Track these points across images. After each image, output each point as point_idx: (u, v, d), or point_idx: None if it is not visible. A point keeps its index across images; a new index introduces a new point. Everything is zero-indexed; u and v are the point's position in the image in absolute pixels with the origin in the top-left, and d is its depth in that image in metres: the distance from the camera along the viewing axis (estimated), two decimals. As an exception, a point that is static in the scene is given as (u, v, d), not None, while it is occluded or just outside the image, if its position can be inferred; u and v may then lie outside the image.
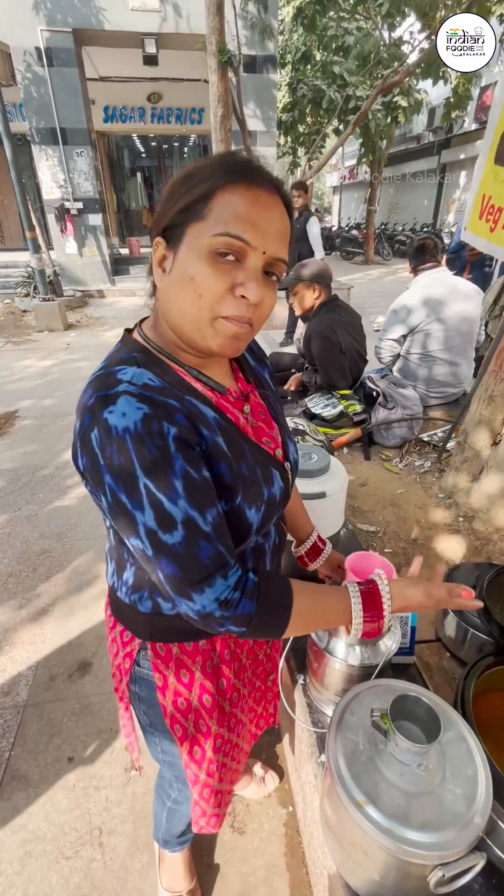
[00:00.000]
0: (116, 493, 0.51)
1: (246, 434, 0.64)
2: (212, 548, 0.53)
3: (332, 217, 26.91)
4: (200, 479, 0.52)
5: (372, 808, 0.62)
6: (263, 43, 7.40)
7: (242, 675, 0.79)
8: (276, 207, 0.54)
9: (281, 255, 0.55)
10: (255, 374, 0.74)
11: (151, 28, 7.38)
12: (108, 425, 0.49)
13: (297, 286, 2.20)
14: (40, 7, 7.02)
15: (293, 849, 1.18)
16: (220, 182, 0.51)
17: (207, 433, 0.56)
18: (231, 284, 0.53)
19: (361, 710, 0.74)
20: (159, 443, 0.49)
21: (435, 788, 0.64)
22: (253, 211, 0.52)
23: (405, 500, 1.84)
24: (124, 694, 0.77)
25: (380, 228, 15.32)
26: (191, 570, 0.52)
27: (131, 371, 0.53)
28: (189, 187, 0.53)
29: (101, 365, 0.57)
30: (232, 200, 0.51)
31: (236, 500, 0.58)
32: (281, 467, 0.68)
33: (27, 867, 1.15)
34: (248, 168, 0.54)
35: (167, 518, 0.50)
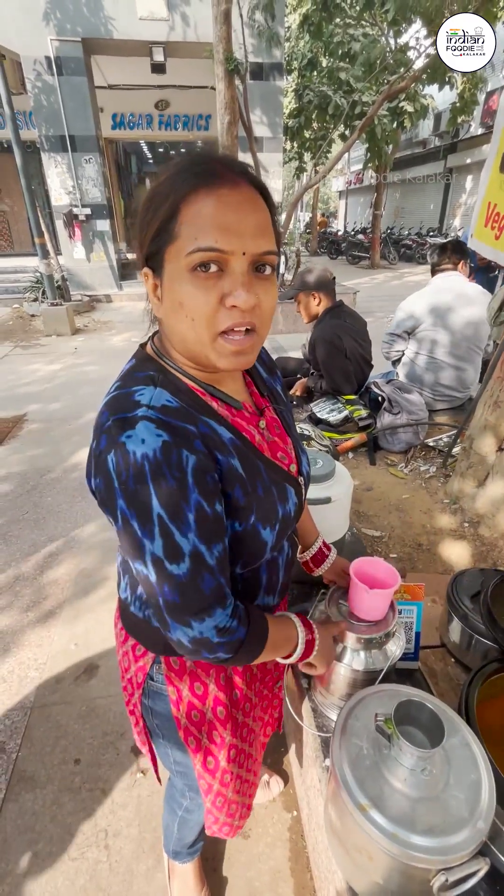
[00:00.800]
0: (128, 519, 0.50)
1: (261, 452, 0.63)
2: (214, 580, 0.54)
3: (338, 221, 26.97)
4: (212, 513, 0.52)
5: (376, 812, 0.63)
6: (270, 51, 7.46)
7: (253, 684, 0.80)
8: (244, 201, 0.50)
9: (264, 248, 0.51)
10: (267, 387, 0.74)
11: (159, 37, 7.47)
12: (125, 450, 0.48)
13: (299, 295, 2.21)
14: (50, 17, 7.14)
15: (298, 853, 1.18)
16: (180, 194, 0.49)
17: (222, 458, 0.56)
18: (220, 297, 0.50)
19: (366, 714, 0.74)
20: (178, 474, 0.49)
21: (439, 794, 0.64)
22: (219, 215, 0.48)
23: (410, 506, 1.84)
24: (136, 708, 0.78)
25: (385, 233, 15.36)
26: (192, 601, 0.53)
27: (149, 393, 0.52)
28: (154, 209, 0.50)
29: (116, 383, 0.56)
30: (196, 211, 0.48)
31: (250, 521, 0.58)
32: (295, 483, 0.68)
33: (33, 868, 1.16)
34: (205, 170, 0.49)
35: (176, 550, 0.50)
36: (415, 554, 1.59)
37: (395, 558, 1.56)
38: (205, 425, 0.55)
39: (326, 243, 17.47)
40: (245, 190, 0.50)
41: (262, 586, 0.70)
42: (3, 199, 12.12)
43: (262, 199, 0.53)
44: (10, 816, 1.26)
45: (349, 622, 0.86)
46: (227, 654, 0.59)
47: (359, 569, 0.89)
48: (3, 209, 12.26)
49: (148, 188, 0.53)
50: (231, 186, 0.49)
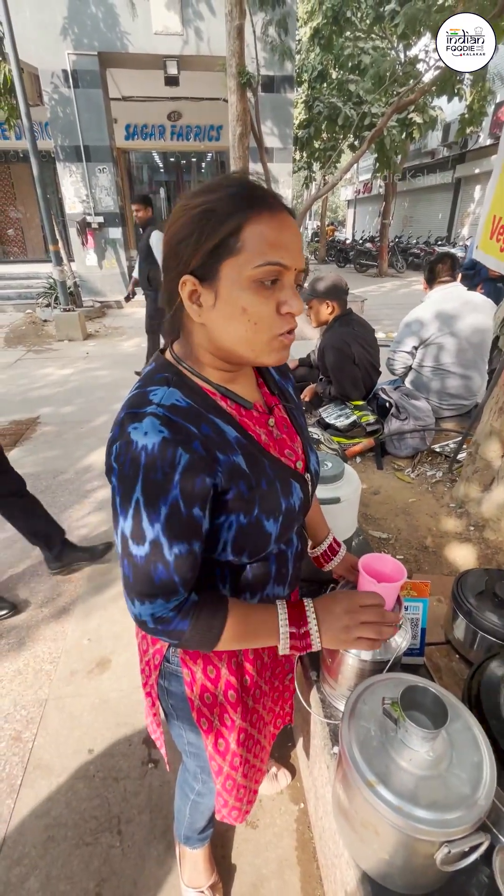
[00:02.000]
0: (115, 495, 0.58)
1: (266, 450, 0.68)
2: (167, 574, 0.58)
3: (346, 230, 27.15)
4: (187, 514, 0.57)
5: (382, 787, 0.67)
6: (282, 64, 7.61)
7: (264, 673, 0.84)
8: (292, 225, 0.58)
9: (303, 265, 0.60)
10: (278, 387, 0.79)
11: (173, 50, 7.65)
12: (129, 439, 0.55)
13: (312, 301, 2.27)
14: (68, 32, 7.34)
15: (304, 843, 1.21)
16: (245, 215, 0.54)
17: (224, 457, 0.60)
18: (276, 305, 0.57)
19: (373, 699, 0.78)
20: (168, 470, 0.55)
21: (442, 772, 0.68)
22: (281, 236, 0.56)
23: (417, 509, 1.88)
24: (153, 689, 0.82)
25: (394, 241, 15.44)
26: (140, 583, 0.58)
27: (161, 392, 0.59)
28: (214, 226, 0.55)
29: (138, 383, 0.63)
30: (261, 231, 0.55)
31: (254, 513, 0.63)
32: (301, 479, 0.72)
33: (50, 851, 1.20)
34: (265, 196, 0.57)
35: (140, 532, 0.56)
36: (421, 556, 1.63)
37: (401, 560, 1.60)
38: (210, 425, 0.60)
39: (335, 251, 17.60)
40: (289, 215, 0.58)
41: (272, 577, 0.74)
42: (18, 207, 12.37)
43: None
44: (27, 802, 1.31)
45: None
46: (168, 639, 0.63)
47: (367, 564, 0.93)
48: (18, 217, 12.51)
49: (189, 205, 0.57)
50: (283, 212, 0.57)
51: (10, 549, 2.38)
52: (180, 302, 0.60)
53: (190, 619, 0.62)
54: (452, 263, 2.42)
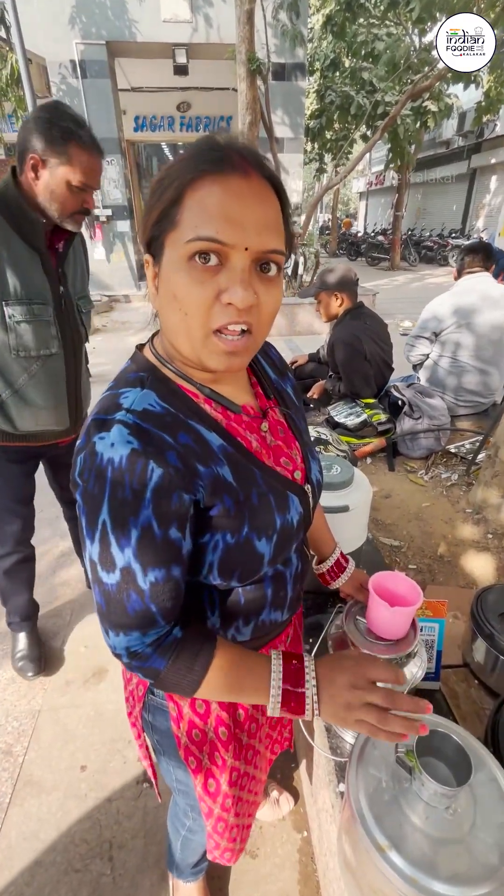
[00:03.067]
0: (80, 515, 0.50)
1: (258, 458, 0.60)
2: (141, 604, 0.50)
3: (358, 223, 26.77)
4: (161, 536, 0.49)
5: (395, 853, 0.58)
6: (293, 50, 7.43)
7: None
8: (253, 193, 0.47)
9: (270, 245, 0.48)
10: (275, 389, 0.70)
11: (182, 38, 7.51)
12: (94, 450, 0.48)
13: (321, 294, 2.17)
14: (76, 21, 7.25)
15: (307, 877, 1.13)
16: (186, 179, 0.46)
17: (206, 469, 0.52)
18: (216, 292, 0.47)
19: (385, 744, 0.69)
20: (137, 486, 0.47)
21: (464, 836, 0.59)
22: (224, 204, 0.45)
23: (431, 515, 1.78)
24: (137, 720, 0.75)
25: (406, 234, 15.16)
26: (114, 613, 0.51)
27: (133, 395, 0.50)
28: (160, 193, 0.47)
29: (111, 384, 0.55)
30: (201, 198, 0.45)
31: (243, 532, 0.55)
32: (300, 490, 0.64)
33: (37, 877, 1.13)
34: (217, 157, 0.46)
35: (108, 559, 0.49)
36: (435, 566, 1.52)
37: (414, 570, 1.50)
38: (190, 433, 0.52)
39: (346, 244, 17.35)
40: (256, 182, 0.47)
41: (268, 601, 0.65)
42: (27, 200, 12.35)
43: (275, 194, 0.50)
44: (16, 822, 1.24)
45: (368, 640, 0.81)
46: (144, 676, 0.55)
47: (378, 584, 0.84)
48: (26, 211, 12.50)
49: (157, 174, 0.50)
50: (241, 176, 0.46)
51: (9, 549, 2.32)
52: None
53: (168, 659, 0.53)
54: (486, 254, 2.30)
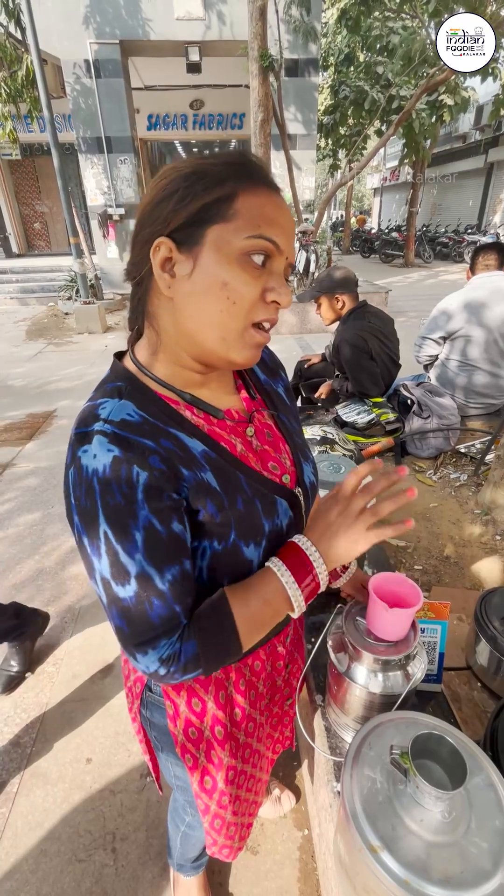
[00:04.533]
0: (80, 535, 0.49)
1: (244, 463, 0.59)
2: (165, 608, 0.49)
3: (371, 219, 26.51)
4: (166, 532, 0.49)
5: (387, 854, 0.58)
6: (306, 46, 7.38)
7: (259, 703, 0.76)
8: (290, 212, 0.53)
9: (294, 259, 0.55)
10: (264, 390, 0.70)
11: (195, 36, 7.51)
12: (80, 465, 0.48)
13: (321, 297, 2.15)
14: (90, 21, 7.29)
15: (307, 875, 1.13)
16: (242, 184, 0.49)
17: (189, 473, 0.52)
18: (262, 289, 0.51)
19: (381, 743, 0.69)
20: (126, 490, 0.47)
21: (458, 839, 0.59)
22: (278, 215, 0.51)
23: (438, 515, 1.76)
24: (136, 716, 0.76)
25: (421, 230, 14.96)
26: (138, 629, 0.49)
27: (110, 405, 0.51)
28: (205, 186, 0.49)
29: (91, 394, 0.55)
30: (258, 204, 0.49)
31: (230, 538, 0.55)
32: (290, 494, 0.63)
33: (42, 866, 1.16)
34: (265, 173, 0.52)
35: (121, 570, 0.48)
36: (441, 567, 1.51)
37: (420, 570, 1.48)
38: (170, 439, 0.52)
39: (359, 242, 17.19)
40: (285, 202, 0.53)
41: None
42: (42, 200, 12.50)
43: None
44: (22, 812, 1.27)
45: (367, 641, 0.81)
46: (191, 673, 0.53)
47: (378, 585, 0.83)
48: (42, 210, 12.65)
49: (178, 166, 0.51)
50: (281, 197, 0.52)
51: (20, 543, 2.37)
52: (148, 271, 0.52)
53: (195, 637, 0.52)
54: (500, 252, 2.24)
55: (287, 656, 0.82)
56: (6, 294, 9.05)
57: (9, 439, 3.50)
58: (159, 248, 0.50)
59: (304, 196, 8.35)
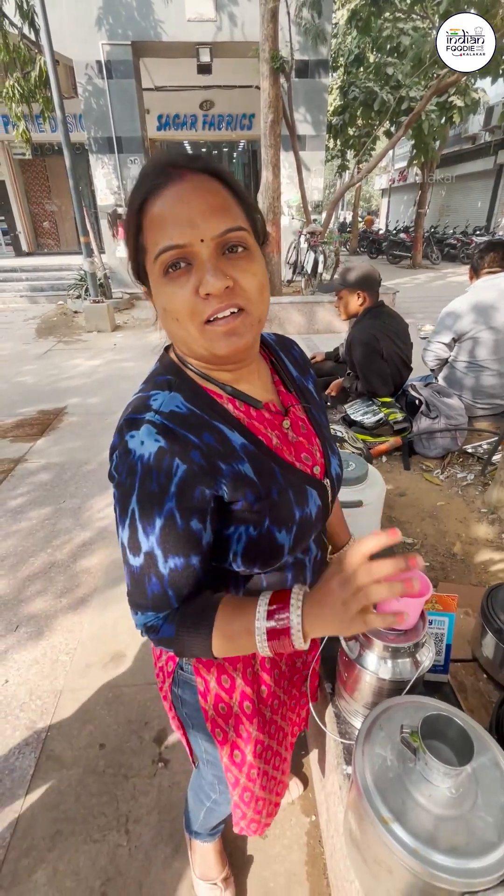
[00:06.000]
0: (115, 504, 0.56)
1: (279, 455, 0.63)
2: (160, 588, 0.55)
3: (379, 220, 26.44)
4: (183, 527, 0.53)
5: (398, 826, 0.61)
6: (316, 48, 7.39)
7: (282, 682, 0.79)
8: (191, 189, 0.50)
9: (223, 227, 0.50)
10: (297, 386, 0.73)
11: (207, 37, 7.54)
12: (127, 447, 0.53)
13: (342, 291, 2.18)
14: (102, 22, 7.35)
15: (315, 859, 1.17)
16: (135, 209, 0.52)
17: (227, 467, 0.55)
18: (194, 289, 0.51)
19: (391, 725, 0.72)
20: (163, 480, 0.52)
21: (465, 813, 0.62)
22: (170, 212, 0.50)
23: (445, 514, 1.79)
24: (167, 695, 0.79)
25: (429, 232, 14.92)
26: (135, 594, 0.57)
27: (161, 397, 0.55)
28: (128, 225, 0.54)
29: (141, 385, 0.60)
30: (152, 217, 0.51)
31: (265, 525, 0.58)
32: (319, 485, 0.67)
33: (58, 845, 1.20)
34: (154, 174, 0.51)
35: (136, 543, 0.54)
36: (448, 564, 1.54)
37: (427, 567, 1.51)
38: (213, 433, 0.56)
39: (367, 242, 17.16)
40: (192, 178, 0.51)
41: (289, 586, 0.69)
42: (53, 199, 12.60)
43: (218, 180, 0.52)
44: (38, 793, 1.31)
45: (377, 630, 0.84)
46: (164, 647, 0.60)
47: (389, 575, 0.87)
48: (52, 210, 12.74)
49: None
50: (177, 180, 0.50)
51: (32, 537, 2.42)
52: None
53: (175, 623, 0.57)
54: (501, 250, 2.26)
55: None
56: (16, 292, 9.13)
57: (20, 435, 3.56)
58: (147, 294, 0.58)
59: (312, 197, 8.36)
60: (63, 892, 1.12)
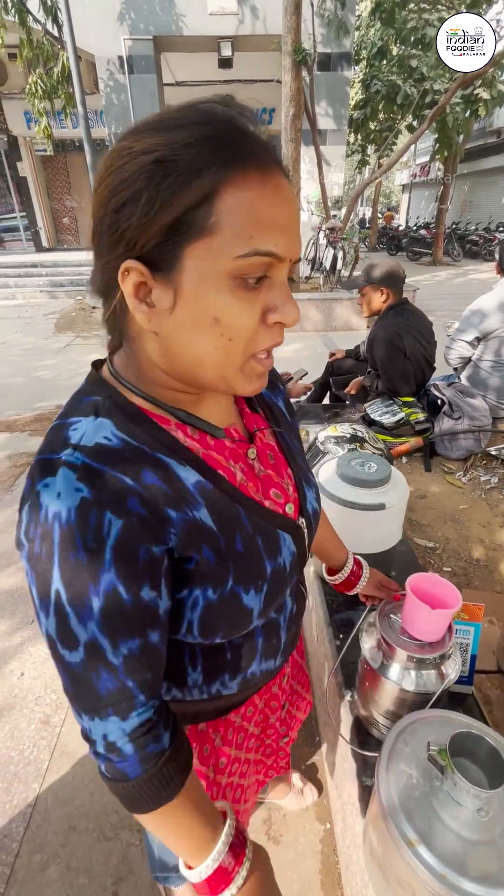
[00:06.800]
0: (28, 582, 0.41)
1: (244, 493, 0.51)
2: (114, 681, 0.42)
3: (399, 216, 26.06)
4: (132, 601, 0.40)
5: (424, 849, 0.58)
6: (339, 40, 7.28)
7: (248, 742, 0.72)
8: (290, 192, 0.41)
9: (300, 254, 0.43)
10: (266, 404, 0.62)
11: (228, 31, 7.50)
12: (38, 502, 0.39)
13: (366, 288, 2.14)
14: (124, 17, 7.36)
15: (329, 868, 1.14)
16: (224, 174, 0.36)
17: (178, 515, 0.43)
18: (262, 312, 0.41)
19: (416, 741, 0.70)
20: (92, 545, 0.38)
21: (496, 838, 0.59)
22: (277, 211, 0.38)
23: (468, 517, 1.74)
24: None
25: (451, 228, 14.63)
26: (83, 696, 0.43)
27: (84, 426, 0.42)
28: (176, 186, 0.36)
29: (62, 409, 0.46)
30: (247, 201, 0.37)
31: (227, 585, 0.47)
32: (293, 527, 0.56)
33: (71, 841, 1.20)
34: (253, 141, 0.38)
35: (69, 635, 0.40)
36: (471, 569, 1.49)
37: (448, 572, 1.47)
38: (157, 470, 0.43)
39: (386, 239, 16.93)
40: (284, 177, 0.41)
41: (259, 652, 0.58)
42: (72, 195, 12.71)
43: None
44: (52, 788, 1.31)
45: (402, 639, 0.81)
46: (106, 773, 0.46)
47: (416, 585, 0.84)
48: (72, 206, 12.86)
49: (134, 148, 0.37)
50: (279, 174, 0.40)
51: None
52: (121, 297, 0.41)
53: (146, 770, 0.44)
54: None
55: (284, 696, 0.79)
56: (36, 287, 9.25)
57: (39, 429, 3.60)
58: (129, 274, 0.39)
59: (332, 192, 8.27)
60: (75, 888, 1.12)
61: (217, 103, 0.40)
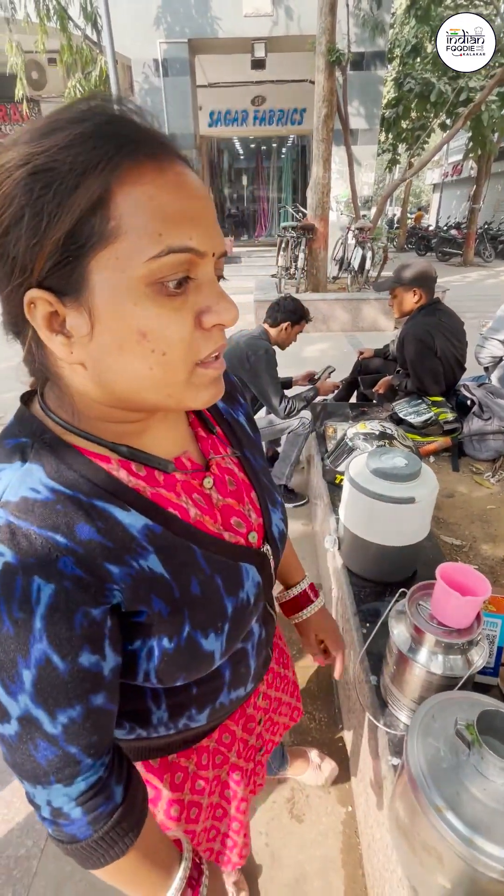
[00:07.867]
0: None
1: (200, 530, 0.47)
2: (55, 751, 0.39)
3: (429, 216, 25.63)
4: (69, 669, 0.37)
5: (452, 814, 0.62)
6: (374, 39, 7.25)
7: (225, 764, 0.70)
8: (197, 182, 0.37)
9: (223, 247, 0.39)
10: (225, 421, 0.58)
11: (262, 32, 7.57)
12: None
13: (397, 289, 2.15)
14: (161, 21, 7.51)
15: (350, 848, 1.18)
16: (116, 170, 0.32)
17: (121, 571, 0.39)
18: (195, 316, 0.37)
19: (444, 717, 0.73)
20: (19, 615, 0.35)
21: (521, 810, 0.62)
22: (184, 202, 0.35)
23: (496, 518, 1.74)
24: None
25: (483, 228, 14.33)
26: (21, 765, 0.40)
27: (8, 476, 0.37)
28: (60, 197, 0.31)
29: None
30: (146, 195, 0.33)
31: (183, 633, 0.44)
32: (258, 556, 0.53)
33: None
34: (143, 132, 0.35)
35: (0, 709, 0.37)
36: (498, 569, 1.50)
37: (476, 570, 1.48)
38: (94, 522, 0.39)
39: (415, 239, 16.69)
40: (187, 167, 0.37)
41: (226, 683, 0.56)
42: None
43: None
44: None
45: (431, 625, 0.84)
46: (55, 836, 0.43)
47: (446, 573, 0.87)
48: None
49: (8, 162, 0.32)
50: (178, 162, 0.36)
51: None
52: (34, 332, 0.37)
53: (97, 831, 0.42)
54: None
55: (260, 712, 0.76)
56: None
57: None
58: (35, 306, 0.35)
59: (362, 192, 8.23)
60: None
61: (94, 100, 0.35)
